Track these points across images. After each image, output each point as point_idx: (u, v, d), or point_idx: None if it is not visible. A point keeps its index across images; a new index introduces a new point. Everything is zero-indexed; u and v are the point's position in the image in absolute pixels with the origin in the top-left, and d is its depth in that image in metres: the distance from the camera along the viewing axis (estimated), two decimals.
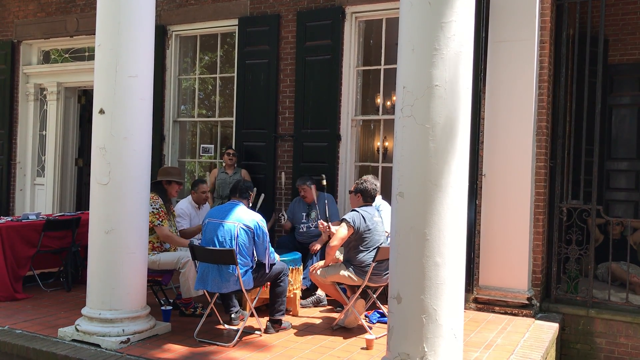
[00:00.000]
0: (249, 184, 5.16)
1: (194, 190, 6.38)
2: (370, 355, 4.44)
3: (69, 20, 8.78)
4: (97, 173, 4.59)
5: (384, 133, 7.46)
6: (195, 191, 6.37)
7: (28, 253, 6.06)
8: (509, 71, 5.69)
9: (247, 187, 5.06)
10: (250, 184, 5.19)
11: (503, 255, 5.71)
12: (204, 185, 6.41)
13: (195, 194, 6.37)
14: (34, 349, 4.43)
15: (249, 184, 5.18)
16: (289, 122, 7.14)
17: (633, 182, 7.82)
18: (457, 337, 3.47)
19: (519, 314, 5.62)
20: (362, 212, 5.04)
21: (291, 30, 7.14)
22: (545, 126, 5.76)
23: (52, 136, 9.24)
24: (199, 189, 6.35)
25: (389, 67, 6.87)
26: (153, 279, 5.31)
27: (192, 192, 6.41)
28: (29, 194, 9.48)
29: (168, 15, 7.97)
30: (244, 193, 5.02)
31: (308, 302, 5.87)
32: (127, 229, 4.56)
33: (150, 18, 4.75)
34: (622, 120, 7.86)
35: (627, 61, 7.75)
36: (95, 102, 4.63)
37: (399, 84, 3.51)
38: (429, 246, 3.37)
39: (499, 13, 5.75)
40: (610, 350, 5.51)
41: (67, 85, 9.24)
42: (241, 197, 4.99)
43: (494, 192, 5.77)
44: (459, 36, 3.39)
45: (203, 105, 9.03)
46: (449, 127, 3.39)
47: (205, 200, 6.43)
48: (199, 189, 6.35)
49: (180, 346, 4.51)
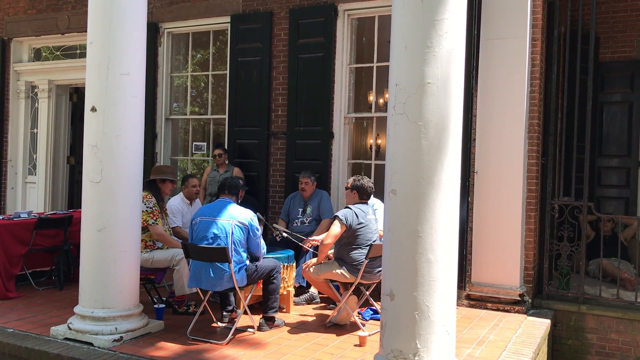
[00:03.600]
0: (236, 180, 5.15)
1: (184, 185, 6.39)
2: (363, 352, 4.45)
3: (60, 17, 8.73)
4: (89, 171, 4.57)
5: (376, 131, 7.47)
6: (185, 186, 6.38)
7: (20, 251, 6.03)
8: (501, 69, 5.72)
9: (235, 184, 5.05)
10: (238, 181, 5.17)
11: (495, 252, 5.74)
12: (193, 180, 6.42)
13: (186, 189, 6.38)
14: (26, 348, 4.41)
15: (237, 180, 5.16)
16: (282, 119, 7.14)
17: (624, 178, 7.87)
18: (450, 333, 3.49)
19: (511, 310, 5.65)
20: (354, 209, 5.05)
21: (284, 27, 7.13)
22: (537, 123, 5.79)
23: (43, 134, 9.19)
24: (189, 183, 6.37)
25: (381, 64, 6.87)
26: (146, 276, 5.31)
27: (183, 187, 6.42)
28: (21, 192, 9.43)
29: (160, 12, 7.94)
30: (233, 189, 5.01)
31: (301, 299, 5.88)
32: (119, 227, 4.54)
33: (142, 15, 4.73)
34: (613, 117, 7.91)
35: (618, 58, 7.80)
36: (87, 100, 4.61)
37: (392, 82, 3.52)
38: (421, 243, 3.38)
39: (490, 11, 5.77)
40: (601, 345, 5.55)
41: (58, 83, 9.18)
42: (230, 194, 4.98)
43: (486, 189, 5.79)
44: (451, 34, 3.40)
45: (195, 102, 9.00)
46: (442, 125, 3.40)
47: (196, 195, 6.44)
48: (189, 184, 6.36)
49: (173, 344, 4.50)
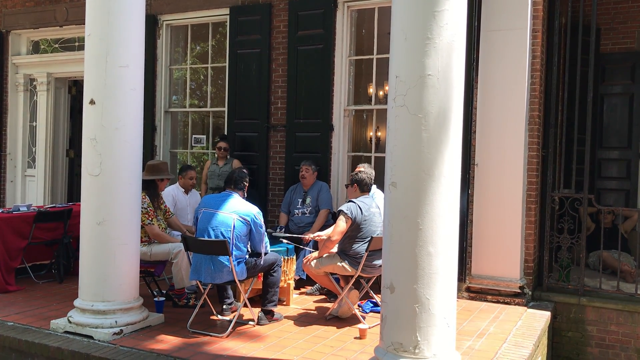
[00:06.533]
0: (243, 173, 5.08)
1: (182, 175, 6.43)
2: (363, 345, 4.45)
3: (58, 9, 8.68)
4: (88, 164, 4.55)
5: (376, 123, 7.44)
6: (183, 177, 6.41)
7: (19, 245, 6.02)
8: (502, 60, 5.69)
9: (241, 178, 5.02)
10: (245, 174, 5.14)
11: (495, 245, 5.73)
12: (191, 172, 6.44)
13: (183, 179, 6.41)
14: (26, 341, 4.41)
15: (244, 173, 5.10)
16: (281, 112, 7.11)
17: (624, 170, 7.85)
18: (450, 326, 3.48)
19: (511, 302, 5.65)
20: (358, 203, 5.03)
21: (283, 19, 7.09)
22: (537, 115, 5.76)
23: (42, 127, 9.17)
24: (187, 175, 6.39)
25: (381, 56, 6.84)
26: (146, 270, 5.30)
27: (180, 177, 6.43)
28: (20, 186, 9.42)
29: (159, 4, 7.90)
30: (239, 184, 4.99)
31: (314, 289, 5.98)
32: (118, 220, 4.54)
33: (140, 7, 4.70)
34: (613, 109, 7.88)
35: (619, 50, 7.76)
36: (86, 93, 4.59)
37: (392, 74, 3.50)
38: (421, 236, 3.37)
39: (491, 2, 5.74)
40: (601, 337, 5.55)
41: (57, 75, 9.15)
42: (236, 188, 4.97)
43: (487, 182, 5.78)
44: (451, 25, 3.37)
45: (195, 95, 8.98)
46: (442, 117, 3.38)
47: (192, 186, 6.46)
48: (187, 175, 6.39)
49: (173, 337, 4.50)
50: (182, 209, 6.40)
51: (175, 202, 6.30)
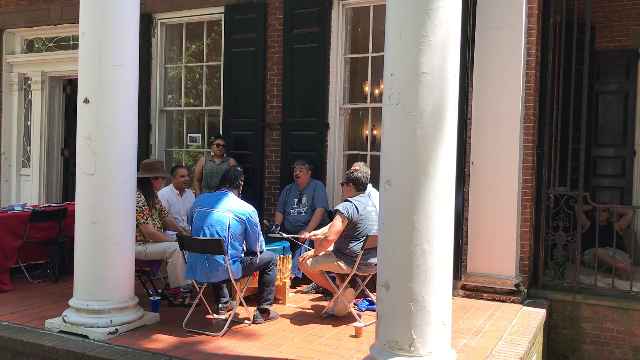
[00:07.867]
0: (238, 172, 5.09)
1: (173, 175, 6.43)
2: (359, 343, 4.45)
3: (53, 8, 8.64)
4: (82, 163, 4.54)
5: (372, 121, 7.43)
6: (174, 177, 6.41)
7: (14, 244, 6.00)
8: (497, 58, 5.70)
9: (237, 176, 5.02)
10: (240, 172, 5.14)
11: (491, 242, 5.74)
12: (182, 170, 6.44)
13: (175, 179, 6.40)
14: (21, 341, 4.40)
15: (239, 172, 5.11)
16: (277, 110, 7.10)
17: (619, 168, 7.87)
18: (446, 323, 3.49)
19: (506, 300, 5.66)
20: (354, 202, 5.03)
21: (278, 17, 7.08)
22: (532, 113, 5.77)
23: (37, 126, 9.13)
24: (177, 173, 6.40)
25: (376, 54, 6.84)
26: (141, 269, 5.29)
27: (172, 177, 6.44)
28: (15, 185, 9.38)
29: (153, 2, 7.87)
30: (234, 182, 4.99)
31: (310, 288, 5.98)
32: (113, 219, 4.53)
33: (134, 6, 4.69)
34: (608, 107, 7.90)
35: (614, 48, 7.78)
36: (80, 92, 4.58)
37: (387, 72, 3.49)
38: (417, 234, 3.37)
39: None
40: (596, 335, 5.57)
41: (51, 74, 9.11)
42: (231, 187, 4.96)
43: (482, 180, 5.78)
44: (446, 23, 3.37)
45: (190, 94, 8.95)
46: (437, 115, 3.38)
47: (185, 185, 6.45)
48: (177, 174, 6.39)
49: (169, 336, 4.50)
50: (176, 212, 6.38)
51: (169, 205, 6.28)
